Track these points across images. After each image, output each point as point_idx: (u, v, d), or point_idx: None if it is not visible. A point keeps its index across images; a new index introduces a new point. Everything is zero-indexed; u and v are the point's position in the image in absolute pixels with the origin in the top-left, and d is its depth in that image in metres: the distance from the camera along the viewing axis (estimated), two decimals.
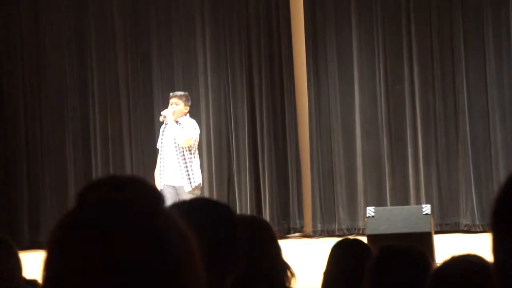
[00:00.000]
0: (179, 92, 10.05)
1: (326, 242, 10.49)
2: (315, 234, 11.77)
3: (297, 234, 11.96)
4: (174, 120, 9.69)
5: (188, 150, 9.62)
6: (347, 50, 11.86)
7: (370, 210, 8.31)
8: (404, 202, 11.29)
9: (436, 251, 7.80)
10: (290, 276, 2.82)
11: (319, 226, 11.81)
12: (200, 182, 9.76)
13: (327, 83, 11.91)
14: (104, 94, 12.48)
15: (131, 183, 1.22)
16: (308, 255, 9.87)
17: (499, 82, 11.33)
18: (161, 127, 10.00)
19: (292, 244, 11.11)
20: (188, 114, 9.85)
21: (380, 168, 11.64)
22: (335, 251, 3.62)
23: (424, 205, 8.61)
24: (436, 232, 9.39)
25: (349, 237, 4.31)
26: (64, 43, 12.49)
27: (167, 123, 9.76)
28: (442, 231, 11.03)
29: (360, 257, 3.32)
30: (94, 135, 12.46)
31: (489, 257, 1.30)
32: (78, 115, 12.48)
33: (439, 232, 10.62)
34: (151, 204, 1.21)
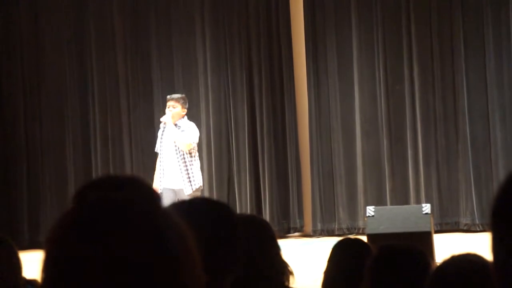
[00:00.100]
0: (176, 95, 9.97)
1: (326, 242, 10.49)
2: (315, 234, 11.77)
3: (297, 234, 11.96)
4: (173, 123, 9.66)
5: (189, 153, 9.60)
6: (347, 50, 11.86)
7: (370, 210, 8.30)
8: (404, 201, 11.28)
9: (436, 251, 7.80)
10: (289, 275, 2.82)
11: (319, 226, 11.81)
12: (201, 185, 9.73)
13: (327, 83, 11.91)
14: (104, 94, 12.48)
15: (129, 182, 1.22)
16: (308, 254, 9.88)
17: (499, 82, 11.33)
18: (159, 130, 9.98)
19: (292, 244, 11.11)
20: (186, 117, 9.81)
21: (380, 168, 11.63)
22: (336, 251, 3.62)
23: (424, 204, 8.60)
24: (436, 232, 9.40)
25: (350, 236, 4.31)
26: (64, 43, 12.49)
27: (165, 127, 9.72)
28: (442, 231, 11.03)
29: (360, 256, 3.32)
30: (94, 135, 12.45)
31: (488, 256, 1.30)
32: (78, 115, 12.48)
33: (439, 231, 10.62)
34: (150, 204, 1.21)
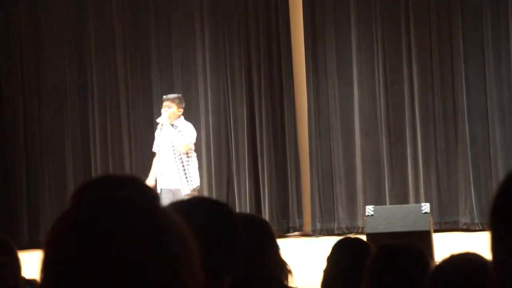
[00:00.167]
0: (171, 95, 9.92)
1: (326, 241, 10.49)
2: (315, 233, 11.77)
3: (296, 233, 11.96)
4: (170, 124, 9.63)
5: (185, 153, 9.58)
6: (346, 49, 11.86)
7: (370, 209, 8.30)
8: (403, 201, 11.28)
9: (435, 250, 7.80)
10: (288, 274, 2.82)
11: (319, 225, 11.81)
12: (198, 185, 9.70)
13: (326, 82, 11.91)
14: (103, 94, 12.47)
15: (128, 182, 1.22)
16: (308, 254, 9.88)
17: (498, 82, 11.33)
18: (156, 130, 9.96)
19: (292, 243, 11.11)
20: (182, 116, 9.78)
21: (379, 167, 11.63)
22: (336, 250, 3.61)
23: (423, 203, 8.60)
24: (435, 231, 9.39)
25: (350, 236, 4.30)
26: (64, 43, 12.48)
27: (162, 128, 9.70)
28: (441, 230, 11.03)
29: (360, 256, 3.32)
30: (93, 135, 12.45)
31: (488, 255, 1.30)
32: (77, 115, 12.47)
33: (438, 230, 10.62)
34: (149, 204, 1.21)
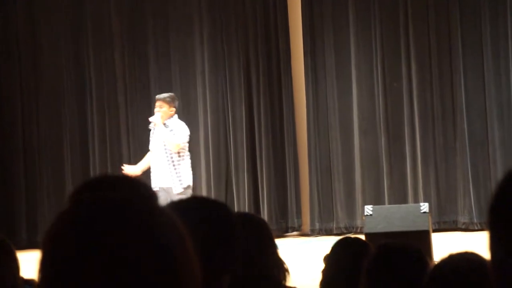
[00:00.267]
0: (163, 95, 9.85)
1: (324, 241, 10.49)
2: (313, 233, 11.77)
3: (295, 233, 11.96)
4: (162, 123, 9.60)
5: (177, 153, 9.56)
6: (345, 47, 11.85)
7: (368, 209, 8.30)
8: (402, 200, 11.28)
9: (434, 249, 7.79)
10: (286, 274, 2.82)
11: (317, 225, 11.80)
12: (190, 184, 9.62)
13: (325, 81, 11.90)
14: (101, 93, 12.46)
15: (126, 182, 1.22)
16: (306, 253, 9.87)
17: (497, 80, 11.32)
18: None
19: (290, 243, 11.11)
20: (176, 115, 9.73)
21: (378, 166, 11.63)
22: (335, 249, 3.61)
23: (422, 203, 8.60)
24: (434, 230, 9.39)
25: (350, 235, 4.30)
26: (62, 42, 12.47)
27: (155, 128, 9.69)
28: (440, 229, 11.03)
29: (359, 255, 3.32)
30: (92, 134, 12.44)
31: (486, 255, 1.30)
32: (76, 114, 12.47)
33: (437, 230, 10.61)
34: (146, 203, 1.21)
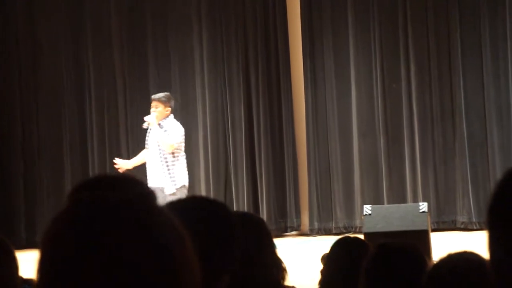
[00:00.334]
0: (158, 95, 9.78)
1: (323, 241, 10.49)
2: (312, 233, 11.77)
3: (294, 233, 11.96)
4: (157, 123, 9.58)
5: (171, 153, 9.53)
6: (344, 49, 11.86)
7: (367, 208, 8.30)
8: (401, 200, 11.28)
9: (433, 249, 7.80)
10: (284, 273, 2.82)
11: (316, 225, 11.80)
12: (185, 184, 9.54)
13: (324, 82, 11.90)
14: (101, 93, 12.46)
15: (124, 182, 1.22)
16: (306, 253, 9.87)
17: (496, 81, 11.33)
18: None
19: (290, 243, 11.11)
20: (172, 115, 9.69)
21: (377, 167, 11.63)
22: (334, 249, 3.61)
23: (421, 203, 8.60)
24: (433, 230, 9.39)
25: (349, 235, 4.29)
26: (61, 43, 12.47)
27: (151, 128, 9.66)
28: (439, 229, 11.03)
29: (358, 255, 3.32)
30: (91, 134, 12.44)
31: (485, 254, 1.30)
32: (75, 114, 12.46)
33: (436, 230, 10.62)
34: (145, 203, 1.21)
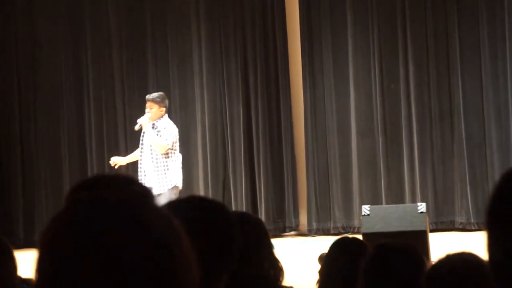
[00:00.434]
0: (152, 95, 9.74)
1: (322, 241, 10.49)
2: (311, 233, 11.77)
3: (292, 233, 11.96)
4: (151, 122, 9.55)
5: (165, 153, 9.51)
6: (343, 49, 11.85)
7: (366, 209, 8.30)
8: (400, 201, 11.28)
9: (431, 250, 7.80)
10: (281, 272, 2.82)
11: (315, 225, 11.80)
12: (177, 185, 9.47)
13: (323, 82, 11.90)
14: (99, 94, 12.46)
15: (123, 182, 1.22)
16: (304, 253, 9.87)
17: (494, 82, 11.33)
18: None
19: (288, 243, 11.11)
20: (166, 115, 9.63)
21: (376, 167, 11.64)
22: (333, 249, 3.61)
23: (419, 203, 8.60)
24: (431, 231, 9.39)
25: (347, 235, 4.29)
26: (60, 43, 12.46)
27: (144, 131, 9.64)
28: (437, 230, 11.03)
29: (357, 255, 3.32)
30: (89, 134, 12.44)
31: (484, 255, 1.30)
32: (74, 114, 12.46)
33: (434, 230, 10.62)
34: (144, 203, 1.21)
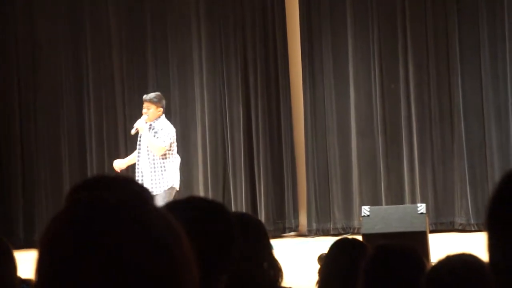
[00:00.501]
0: (149, 95, 9.74)
1: (322, 241, 10.49)
2: (310, 233, 11.77)
3: (292, 233, 11.96)
4: (149, 123, 9.55)
5: (163, 154, 9.50)
6: (343, 49, 11.85)
7: (366, 209, 8.29)
8: (399, 201, 11.28)
9: (431, 250, 7.79)
10: (280, 273, 2.82)
11: (314, 225, 11.80)
12: (173, 186, 9.48)
13: (323, 83, 11.90)
14: (99, 94, 12.46)
15: (122, 182, 1.22)
16: (304, 254, 9.87)
17: (494, 82, 11.33)
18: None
19: (288, 243, 11.11)
20: (163, 115, 9.61)
21: (376, 168, 11.63)
22: (332, 250, 3.61)
23: (419, 204, 8.60)
24: (431, 232, 9.39)
25: (347, 236, 4.29)
26: (60, 43, 12.46)
27: (141, 134, 9.63)
28: (437, 231, 11.03)
29: (357, 256, 3.31)
30: (89, 134, 12.43)
31: (484, 256, 1.30)
32: (73, 114, 12.46)
33: (434, 231, 10.61)
34: (143, 203, 1.21)
